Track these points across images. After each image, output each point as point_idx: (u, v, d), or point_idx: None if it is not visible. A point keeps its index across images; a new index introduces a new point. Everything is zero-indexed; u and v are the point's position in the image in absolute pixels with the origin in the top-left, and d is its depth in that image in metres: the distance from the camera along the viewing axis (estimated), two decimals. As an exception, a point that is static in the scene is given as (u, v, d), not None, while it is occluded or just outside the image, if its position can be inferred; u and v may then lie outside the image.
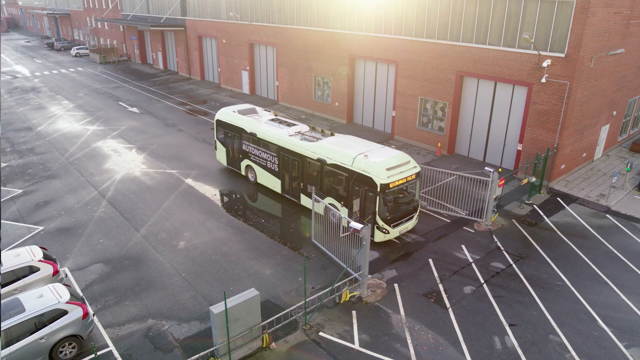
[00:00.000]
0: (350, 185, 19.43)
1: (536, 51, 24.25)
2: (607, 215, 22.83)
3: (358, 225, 15.64)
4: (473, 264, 18.62)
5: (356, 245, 19.44)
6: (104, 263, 18.34)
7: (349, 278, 16.95)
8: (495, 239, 20.52)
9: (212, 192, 24.51)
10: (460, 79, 28.64)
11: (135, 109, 41.18)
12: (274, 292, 16.76)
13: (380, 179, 18.21)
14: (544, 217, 22.58)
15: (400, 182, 18.71)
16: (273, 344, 14.09)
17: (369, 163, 18.75)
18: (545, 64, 23.72)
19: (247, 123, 24.37)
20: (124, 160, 28.84)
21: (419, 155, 30.26)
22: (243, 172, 25.79)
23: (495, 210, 22.82)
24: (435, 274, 17.99)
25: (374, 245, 19.57)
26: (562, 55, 23.37)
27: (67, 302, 13.67)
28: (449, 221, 22.03)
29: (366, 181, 18.67)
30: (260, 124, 23.86)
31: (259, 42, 43.52)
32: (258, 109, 26.50)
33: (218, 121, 26.27)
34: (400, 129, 33.11)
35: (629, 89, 30.32)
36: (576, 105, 24.54)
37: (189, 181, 25.89)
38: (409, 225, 20.10)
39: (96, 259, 18.58)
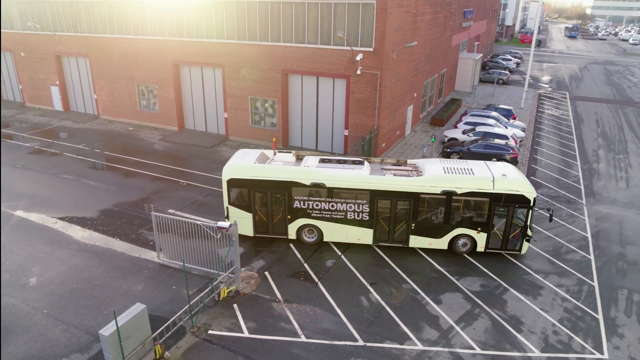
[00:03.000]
0: (492, 209, 19.20)
1: (349, 47, 27.60)
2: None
3: (225, 224, 16.56)
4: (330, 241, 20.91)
5: (204, 248, 20.20)
6: (-61, 320, 15.99)
7: (223, 276, 17.75)
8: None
9: (52, 221, 22.60)
10: (285, 76, 30.88)
11: None
12: (152, 304, 16.69)
13: (531, 193, 18.77)
14: (377, 190, 26.08)
15: None
16: (167, 353, 14.28)
17: (513, 181, 18.95)
18: (358, 58, 27.18)
19: (298, 173, 19.77)
20: None
21: (259, 152, 31.79)
22: (293, 236, 20.84)
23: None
24: (299, 256, 19.80)
25: (242, 240, 20.55)
26: (371, 49, 27.08)
27: None
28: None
29: (515, 200, 18.86)
30: (323, 169, 19.85)
31: (67, 54, 40.15)
32: (267, 152, 21.81)
33: (233, 180, 20.12)
34: (234, 129, 34.23)
35: (423, 74, 36.16)
36: (387, 91, 28.65)
37: (20, 213, 23.38)
38: None
39: None
